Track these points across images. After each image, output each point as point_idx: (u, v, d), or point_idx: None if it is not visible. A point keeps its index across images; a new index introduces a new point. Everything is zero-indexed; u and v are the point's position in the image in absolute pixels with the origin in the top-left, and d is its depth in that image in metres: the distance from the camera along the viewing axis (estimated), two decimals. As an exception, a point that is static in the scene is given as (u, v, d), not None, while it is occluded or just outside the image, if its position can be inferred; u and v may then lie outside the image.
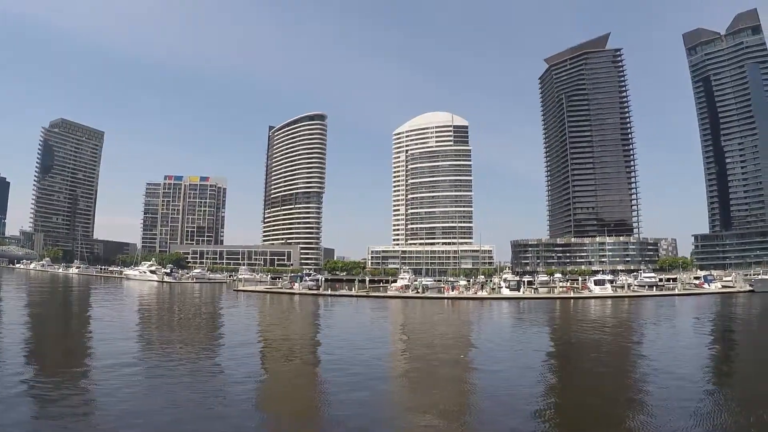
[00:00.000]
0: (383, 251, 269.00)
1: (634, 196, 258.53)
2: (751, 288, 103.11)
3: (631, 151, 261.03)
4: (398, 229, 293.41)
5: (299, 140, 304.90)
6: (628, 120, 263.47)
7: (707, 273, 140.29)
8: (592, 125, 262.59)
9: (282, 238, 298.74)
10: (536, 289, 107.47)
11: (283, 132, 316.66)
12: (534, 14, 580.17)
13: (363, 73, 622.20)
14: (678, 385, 21.81)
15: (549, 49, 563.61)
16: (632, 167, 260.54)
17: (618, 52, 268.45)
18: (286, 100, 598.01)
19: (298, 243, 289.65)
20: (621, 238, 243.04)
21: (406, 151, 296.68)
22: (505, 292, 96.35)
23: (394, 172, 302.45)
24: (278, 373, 25.16)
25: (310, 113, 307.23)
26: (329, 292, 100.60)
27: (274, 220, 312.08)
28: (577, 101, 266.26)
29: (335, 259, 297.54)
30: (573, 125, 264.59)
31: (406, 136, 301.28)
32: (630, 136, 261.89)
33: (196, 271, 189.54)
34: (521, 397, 19.81)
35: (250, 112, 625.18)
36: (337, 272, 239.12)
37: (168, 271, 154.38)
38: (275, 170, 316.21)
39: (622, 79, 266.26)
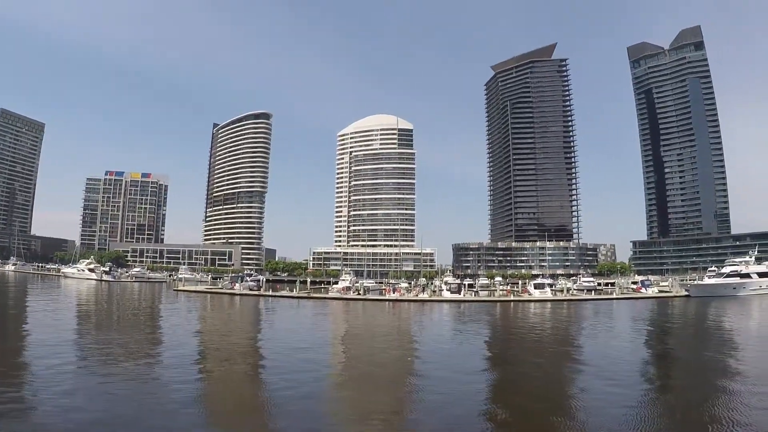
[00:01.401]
0: (325, 252, 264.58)
1: (574, 203, 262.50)
2: (687, 293, 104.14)
3: (573, 159, 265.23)
4: (340, 231, 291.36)
5: (243, 139, 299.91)
6: (570, 128, 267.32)
7: (645, 278, 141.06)
8: (535, 132, 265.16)
9: (223, 238, 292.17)
10: (477, 292, 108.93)
11: (228, 130, 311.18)
12: (483, 22, 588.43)
13: (310, 74, 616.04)
14: (615, 386, 22.05)
15: (496, 56, 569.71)
16: (573, 174, 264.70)
17: (563, 62, 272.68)
18: (232, 98, 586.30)
19: (240, 243, 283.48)
20: (561, 243, 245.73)
21: (350, 152, 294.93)
22: (446, 294, 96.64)
23: (338, 173, 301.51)
24: (218, 375, 24.63)
25: (255, 112, 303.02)
26: (270, 292, 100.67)
27: (215, 220, 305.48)
28: (522, 108, 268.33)
29: (277, 259, 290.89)
30: (517, 132, 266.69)
31: (351, 138, 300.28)
32: (572, 144, 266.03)
33: (135, 270, 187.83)
34: (462, 399, 19.91)
35: (195, 109, 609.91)
36: (279, 273, 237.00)
37: (107, 269, 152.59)
38: (218, 168, 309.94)
39: (567, 88, 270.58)
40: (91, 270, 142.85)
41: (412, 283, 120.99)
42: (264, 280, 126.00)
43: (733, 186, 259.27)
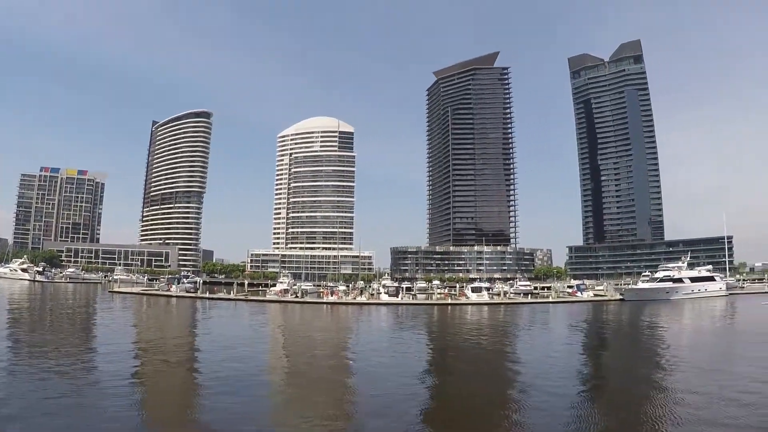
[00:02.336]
0: (263, 254, 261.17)
1: (512, 208, 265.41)
2: (621, 297, 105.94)
3: (512, 165, 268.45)
4: (279, 233, 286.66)
5: (183, 137, 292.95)
6: (510, 135, 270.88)
7: (580, 282, 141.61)
8: (475, 138, 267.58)
9: (160, 238, 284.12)
10: (414, 295, 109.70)
11: (167, 128, 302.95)
12: (427, 28, 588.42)
13: (253, 74, 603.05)
14: (552, 388, 22.04)
15: (439, 62, 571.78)
16: (512, 180, 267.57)
17: (505, 70, 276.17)
18: (172, 96, 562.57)
19: (177, 244, 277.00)
20: (498, 248, 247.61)
21: (291, 154, 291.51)
22: (384, 298, 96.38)
23: (277, 175, 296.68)
24: (154, 379, 23.93)
25: (195, 110, 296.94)
26: (207, 295, 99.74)
27: (153, 220, 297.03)
28: (463, 114, 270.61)
29: (214, 261, 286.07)
30: (457, 137, 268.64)
31: (291, 140, 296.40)
32: (511, 150, 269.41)
33: (70, 270, 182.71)
34: (400, 402, 19.74)
35: (134, 105, 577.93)
36: (216, 275, 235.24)
37: (40, 269, 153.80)
38: (157, 167, 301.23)
39: (507, 96, 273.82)
40: (24, 270, 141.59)
41: (351, 286, 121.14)
42: (201, 282, 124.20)
43: (667, 194, 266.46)
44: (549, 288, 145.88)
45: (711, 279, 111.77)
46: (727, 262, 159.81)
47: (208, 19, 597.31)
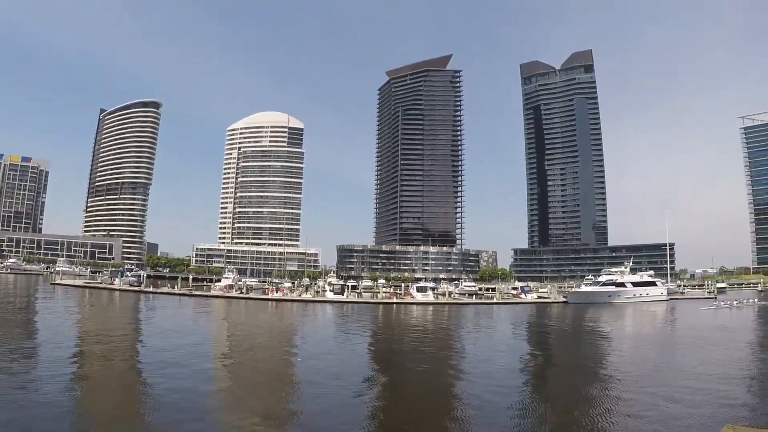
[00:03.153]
0: (209, 249, 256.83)
1: (459, 209, 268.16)
2: (564, 299, 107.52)
3: (460, 167, 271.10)
4: (225, 228, 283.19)
5: (130, 127, 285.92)
6: (459, 137, 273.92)
7: (524, 284, 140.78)
8: (424, 139, 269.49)
9: (105, 230, 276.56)
10: (360, 293, 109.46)
11: (115, 117, 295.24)
12: (381, 28, 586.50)
13: (203, 66, 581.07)
14: (496, 388, 22.37)
15: (392, 62, 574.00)
16: (459, 182, 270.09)
17: (457, 73, 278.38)
18: (121, 84, 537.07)
19: (121, 236, 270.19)
20: (444, 248, 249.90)
21: (239, 148, 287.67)
22: (329, 295, 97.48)
23: (225, 168, 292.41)
24: (94, 376, 23.09)
25: (144, 100, 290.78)
26: (151, 289, 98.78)
27: (97, 211, 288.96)
28: (413, 115, 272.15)
29: (159, 254, 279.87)
30: (406, 137, 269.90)
31: (240, 134, 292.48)
32: (460, 152, 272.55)
33: (10, 260, 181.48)
34: (344, 402, 19.71)
35: (82, 92, 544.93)
36: (160, 269, 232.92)
37: None
38: (103, 157, 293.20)
39: (458, 98, 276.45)
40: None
41: (296, 283, 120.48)
42: (145, 275, 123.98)
43: (612, 201, 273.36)
44: (494, 289, 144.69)
45: (653, 284, 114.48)
46: (668, 268, 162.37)
47: (161, 10, 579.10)
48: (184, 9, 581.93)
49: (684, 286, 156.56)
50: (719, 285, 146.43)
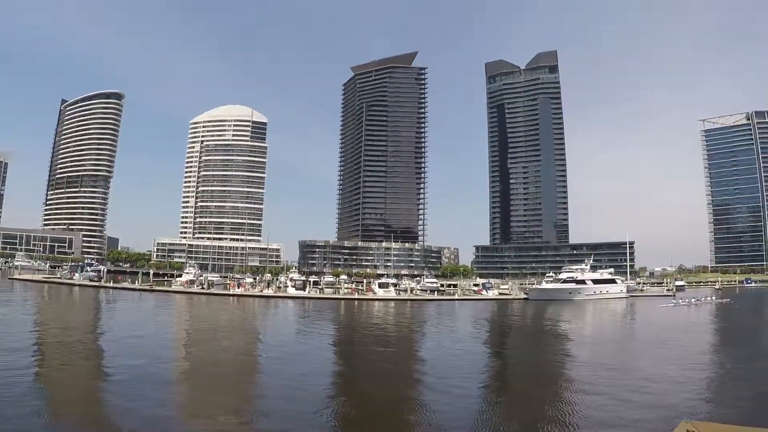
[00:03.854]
0: (170, 244, 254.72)
1: (421, 206, 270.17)
2: (525, 296, 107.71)
3: (423, 164, 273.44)
4: (186, 222, 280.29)
5: (92, 118, 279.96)
6: (423, 134, 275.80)
7: (486, 281, 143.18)
8: (388, 136, 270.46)
9: (64, 224, 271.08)
10: (322, 289, 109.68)
11: (76, 108, 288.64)
12: (347, 23, 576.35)
13: (168, 58, 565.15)
14: (456, 386, 22.11)
15: (357, 58, 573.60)
16: (422, 179, 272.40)
17: (422, 70, 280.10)
18: (84, 75, 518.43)
19: (82, 230, 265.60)
20: (407, 245, 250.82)
21: (202, 141, 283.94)
22: (291, 291, 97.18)
23: (187, 162, 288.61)
24: (52, 374, 22.19)
25: (106, 91, 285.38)
26: (111, 284, 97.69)
27: (57, 203, 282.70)
28: (377, 111, 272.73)
29: (119, 249, 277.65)
30: (370, 134, 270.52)
31: (203, 127, 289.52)
32: (423, 149, 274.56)
33: None
34: (304, 399, 19.37)
35: (43, 83, 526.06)
36: (121, 264, 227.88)
37: None
38: (64, 148, 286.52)
39: (423, 95, 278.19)
40: None
41: (258, 278, 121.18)
42: (105, 270, 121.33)
43: (573, 199, 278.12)
44: (455, 286, 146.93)
45: (612, 281, 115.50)
46: (628, 266, 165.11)
47: (125, 1, 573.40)
48: (148, 2, 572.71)
49: (643, 283, 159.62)
50: (678, 283, 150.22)
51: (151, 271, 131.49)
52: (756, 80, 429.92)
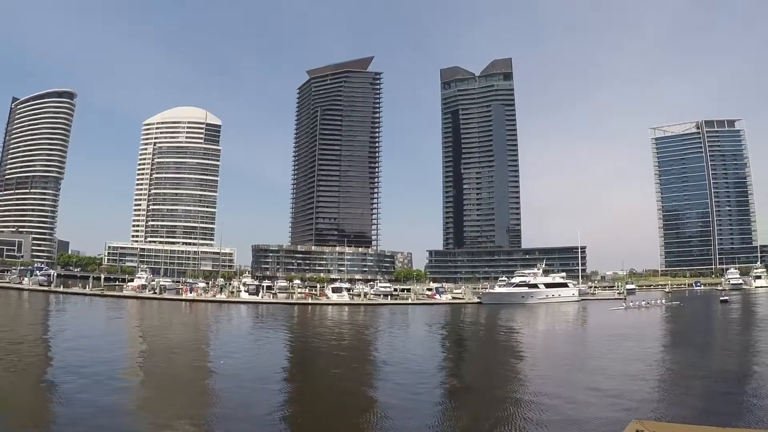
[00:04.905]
0: (121, 248, 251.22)
1: (375, 211, 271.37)
2: (479, 300, 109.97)
3: (377, 169, 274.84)
4: (138, 226, 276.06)
5: (43, 117, 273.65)
6: (377, 139, 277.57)
7: (439, 285, 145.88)
8: (342, 140, 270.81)
9: (13, 226, 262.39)
10: (275, 294, 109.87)
11: (27, 106, 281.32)
12: (304, 27, 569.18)
13: (121, 56, 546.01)
14: (411, 389, 22.60)
15: (314, 62, 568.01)
16: (376, 184, 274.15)
17: (378, 75, 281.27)
18: (35, 72, 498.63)
19: (31, 233, 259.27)
20: (360, 249, 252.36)
21: (155, 143, 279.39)
22: (244, 296, 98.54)
23: (140, 164, 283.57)
24: (2, 380, 22.24)
25: (58, 89, 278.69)
26: (62, 289, 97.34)
27: (5, 205, 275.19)
28: (332, 115, 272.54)
29: (70, 253, 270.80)
30: (324, 138, 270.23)
31: (156, 128, 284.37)
32: (377, 154, 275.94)
33: None
34: (258, 404, 19.65)
35: None
36: (72, 268, 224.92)
37: None
38: (13, 148, 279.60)
39: (378, 100, 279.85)
40: None
41: (211, 283, 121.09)
42: (55, 275, 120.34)
43: (526, 205, 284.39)
44: (409, 290, 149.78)
45: (564, 285, 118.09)
46: (580, 270, 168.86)
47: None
48: (102, 1, 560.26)
49: (595, 287, 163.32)
50: (629, 286, 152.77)
51: (102, 276, 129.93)
52: (705, 91, 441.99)
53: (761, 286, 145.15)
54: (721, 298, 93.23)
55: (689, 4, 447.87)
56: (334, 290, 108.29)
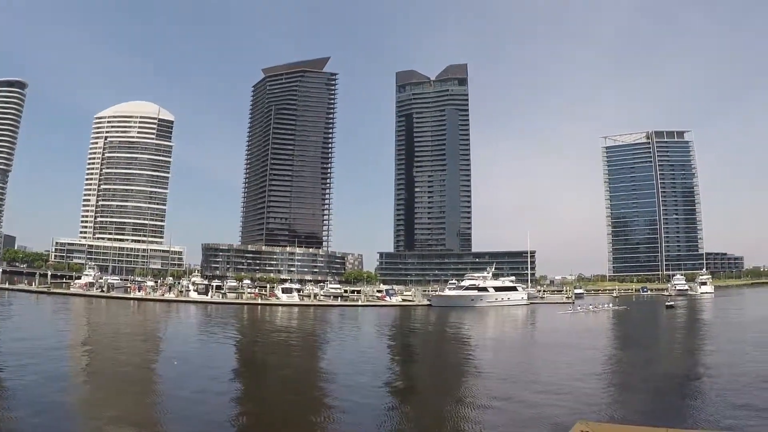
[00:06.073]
0: (69, 244, 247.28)
1: (326, 212, 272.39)
2: (429, 303, 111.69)
3: (329, 170, 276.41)
4: (87, 222, 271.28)
5: None
6: (330, 140, 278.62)
7: (389, 287, 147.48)
8: (296, 140, 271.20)
9: None
10: (225, 294, 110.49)
11: None
12: (260, 24, 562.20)
13: (73, 49, 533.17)
14: (360, 390, 23.17)
15: (269, 60, 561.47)
16: (328, 184, 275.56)
17: (333, 76, 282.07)
18: None
19: None
20: (311, 250, 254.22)
21: (106, 137, 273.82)
22: (193, 295, 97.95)
23: (90, 158, 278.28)
24: None
25: (8, 79, 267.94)
26: (7, 285, 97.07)
27: None
28: (286, 115, 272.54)
29: (16, 248, 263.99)
30: (277, 137, 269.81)
31: (108, 122, 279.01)
32: (330, 155, 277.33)
33: None
34: (206, 405, 19.63)
35: None
36: (17, 264, 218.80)
37: None
38: None
39: (332, 101, 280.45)
40: None
41: (159, 281, 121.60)
42: (1, 271, 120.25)
43: (477, 209, 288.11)
44: (359, 292, 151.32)
45: (514, 289, 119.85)
46: (529, 275, 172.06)
47: None
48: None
49: (544, 291, 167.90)
50: (577, 291, 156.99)
51: (49, 273, 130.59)
52: (654, 102, 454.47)
53: (706, 292, 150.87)
54: (667, 303, 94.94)
55: (640, 17, 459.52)
56: (284, 291, 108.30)
